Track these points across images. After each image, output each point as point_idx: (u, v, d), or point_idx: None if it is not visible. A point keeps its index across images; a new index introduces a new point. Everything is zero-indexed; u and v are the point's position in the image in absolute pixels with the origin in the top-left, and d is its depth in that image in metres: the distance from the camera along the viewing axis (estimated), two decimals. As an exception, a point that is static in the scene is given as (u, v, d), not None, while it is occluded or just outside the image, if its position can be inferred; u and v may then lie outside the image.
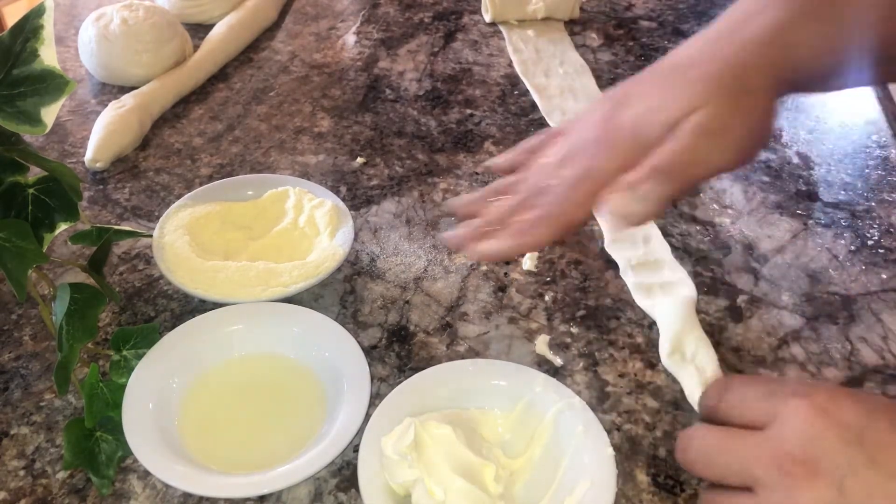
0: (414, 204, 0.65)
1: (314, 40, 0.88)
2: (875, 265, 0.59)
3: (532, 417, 0.45)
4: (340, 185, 0.66)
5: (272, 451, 0.44)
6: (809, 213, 0.64)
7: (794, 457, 0.33)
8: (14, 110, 0.42)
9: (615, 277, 0.58)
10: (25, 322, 0.54)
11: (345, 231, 0.57)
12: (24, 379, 0.50)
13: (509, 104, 0.77)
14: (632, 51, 0.86)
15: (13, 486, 0.44)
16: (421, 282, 0.57)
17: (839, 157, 0.70)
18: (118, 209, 0.64)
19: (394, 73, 0.82)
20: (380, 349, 0.52)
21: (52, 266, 0.57)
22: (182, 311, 0.54)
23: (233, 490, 0.42)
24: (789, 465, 0.32)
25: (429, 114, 0.76)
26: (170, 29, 0.78)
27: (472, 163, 0.69)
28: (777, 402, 0.35)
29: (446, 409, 0.45)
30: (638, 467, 0.45)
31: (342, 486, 0.44)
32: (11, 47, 0.42)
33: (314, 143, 0.71)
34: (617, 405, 0.49)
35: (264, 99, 0.78)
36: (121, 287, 0.56)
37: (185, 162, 0.69)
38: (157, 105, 0.73)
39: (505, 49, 0.86)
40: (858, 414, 0.33)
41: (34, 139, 0.69)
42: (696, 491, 0.44)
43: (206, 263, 0.53)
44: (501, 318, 0.55)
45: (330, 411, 0.46)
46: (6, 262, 0.42)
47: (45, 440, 0.46)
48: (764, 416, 0.35)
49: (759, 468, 0.33)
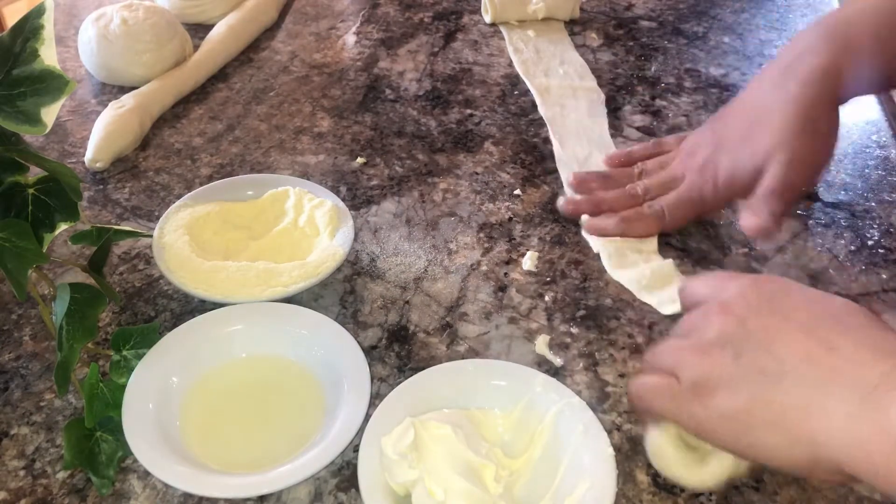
0: (414, 204, 0.65)
1: (314, 40, 0.88)
2: (875, 265, 0.59)
3: (532, 417, 0.45)
4: (340, 185, 0.66)
5: (272, 451, 0.44)
6: (809, 213, 0.64)
7: (711, 307, 0.41)
8: (14, 110, 0.42)
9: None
10: (25, 322, 0.54)
11: (345, 231, 0.57)
12: (24, 379, 0.50)
13: (509, 104, 0.77)
14: (632, 51, 0.86)
15: (13, 486, 0.44)
16: (421, 282, 0.57)
17: (839, 157, 0.70)
18: (118, 209, 0.64)
19: (394, 73, 0.82)
20: (380, 349, 0.52)
21: (52, 266, 0.57)
22: (182, 311, 0.54)
23: (233, 490, 0.42)
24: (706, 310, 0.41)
25: (429, 114, 0.76)
26: (170, 29, 0.78)
27: (472, 163, 0.69)
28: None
29: (446, 409, 0.45)
30: (638, 467, 0.45)
31: (342, 486, 0.44)
32: (11, 47, 0.42)
33: (314, 143, 0.71)
34: (617, 405, 0.49)
35: (264, 99, 0.78)
36: (121, 287, 0.56)
37: (185, 162, 0.69)
38: (157, 105, 0.73)
39: (505, 49, 0.86)
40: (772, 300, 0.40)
41: (34, 139, 0.69)
42: (696, 491, 0.44)
43: (206, 263, 0.53)
44: (501, 318, 0.55)
45: (330, 411, 0.46)
46: (6, 262, 0.42)
47: (45, 440, 0.46)
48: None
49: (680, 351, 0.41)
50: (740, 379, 0.38)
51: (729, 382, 0.38)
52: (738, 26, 0.91)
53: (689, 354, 0.40)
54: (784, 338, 0.37)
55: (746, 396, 0.37)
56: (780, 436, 0.36)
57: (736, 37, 0.89)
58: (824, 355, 0.36)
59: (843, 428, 0.34)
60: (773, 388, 0.37)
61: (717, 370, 0.38)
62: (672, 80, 0.81)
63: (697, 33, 0.89)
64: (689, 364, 0.40)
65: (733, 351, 0.38)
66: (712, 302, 0.41)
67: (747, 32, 0.90)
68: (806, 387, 0.36)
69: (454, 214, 0.64)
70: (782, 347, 0.37)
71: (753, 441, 0.37)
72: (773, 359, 0.37)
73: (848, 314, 0.38)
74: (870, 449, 0.33)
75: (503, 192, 0.66)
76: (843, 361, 0.35)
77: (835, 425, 0.34)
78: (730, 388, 0.38)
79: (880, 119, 0.74)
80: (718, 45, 0.87)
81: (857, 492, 0.44)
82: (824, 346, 0.36)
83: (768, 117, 0.55)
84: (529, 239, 0.61)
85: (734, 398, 0.38)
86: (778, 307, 0.39)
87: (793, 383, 0.36)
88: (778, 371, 0.37)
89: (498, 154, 0.70)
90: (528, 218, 0.63)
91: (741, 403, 0.37)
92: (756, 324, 0.39)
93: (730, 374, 0.38)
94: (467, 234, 0.62)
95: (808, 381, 0.36)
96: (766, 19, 0.92)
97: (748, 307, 0.39)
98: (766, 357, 0.37)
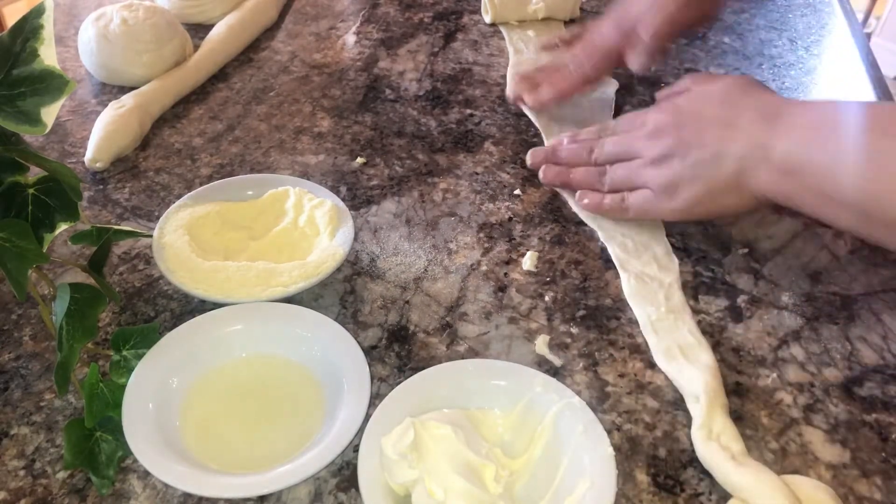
0: (414, 204, 0.65)
1: (314, 40, 0.88)
2: (875, 265, 0.59)
3: (532, 417, 0.45)
4: (340, 185, 0.66)
5: (272, 451, 0.44)
6: (809, 213, 0.64)
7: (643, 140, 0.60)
8: (14, 110, 0.42)
9: (615, 278, 0.58)
10: (25, 322, 0.54)
11: (345, 231, 0.57)
12: (24, 379, 0.50)
13: (509, 104, 0.77)
14: (632, 51, 0.86)
15: (13, 486, 0.44)
16: (421, 282, 0.57)
17: (839, 157, 0.70)
18: (118, 209, 0.64)
19: (394, 73, 0.82)
20: (380, 349, 0.52)
21: (52, 266, 0.57)
22: (182, 311, 0.54)
23: (233, 490, 0.42)
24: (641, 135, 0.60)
25: (429, 114, 0.76)
26: (170, 29, 0.78)
27: (472, 163, 0.69)
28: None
29: (446, 409, 0.45)
30: (638, 467, 0.45)
31: (342, 486, 0.44)
32: (11, 47, 0.42)
33: (314, 143, 0.71)
34: (617, 405, 0.49)
35: (264, 99, 0.78)
36: (121, 287, 0.56)
37: (185, 162, 0.69)
38: (157, 105, 0.73)
39: (505, 49, 0.86)
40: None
41: (34, 139, 0.69)
42: (697, 491, 0.44)
43: (206, 263, 0.53)
44: (501, 318, 0.55)
45: (330, 411, 0.46)
46: (6, 262, 0.42)
47: (45, 440, 0.46)
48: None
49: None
50: (693, 172, 0.55)
51: (686, 178, 0.56)
52: (738, 26, 0.91)
53: (650, 170, 0.58)
54: (707, 132, 0.55)
55: (702, 181, 0.55)
56: (731, 196, 0.55)
57: (736, 37, 0.89)
58: (734, 132, 0.54)
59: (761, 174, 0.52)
60: (715, 168, 0.54)
61: (676, 173, 0.56)
62: (672, 81, 0.81)
63: (697, 33, 0.89)
64: (653, 177, 0.57)
65: (680, 156, 0.56)
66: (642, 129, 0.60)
67: (747, 32, 0.90)
68: (732, 157, 0.53)
69: (454, 214, 0.64)
70: (709, 139, 0.55)
71: (716, 206, 0.56)
72: (707, 151, 0.55)
73: (739, 90, 0.56)
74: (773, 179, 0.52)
75: (503, 192, 0.66)
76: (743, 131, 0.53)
77: (755, 174, 0.53)
78: (689, 181, 0.56)
79: (880, 119, 0.74)
80: (718, 45, 0.87)
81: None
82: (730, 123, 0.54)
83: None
84: (529, 239, 0.61)
85: (695, 187, 0.55)
86: (692, 113, 0.57)
87: (723, 158, 0.54)
88: (713, 155, 0.54)
89: (498, 154, 0.70)
90: (528, 218, 0.63)
91: (700, 188, 0.55)
92: (685, 133, 0.56)
93: (684, 172, 0.56)
94: (467, 234, 0.62)
95: (733, 154, 0.53)
96: (766, 19, 0.92)
97: (672, 125, 0.57)
98: (701, 151, 0.55)
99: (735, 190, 0.54)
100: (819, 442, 0.47)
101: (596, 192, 0.62)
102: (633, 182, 0.59)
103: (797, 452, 0.46)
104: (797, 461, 0.46)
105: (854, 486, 0.44)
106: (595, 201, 0.61)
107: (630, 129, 0.61)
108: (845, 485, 0.45)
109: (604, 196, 0.61)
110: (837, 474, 0.45)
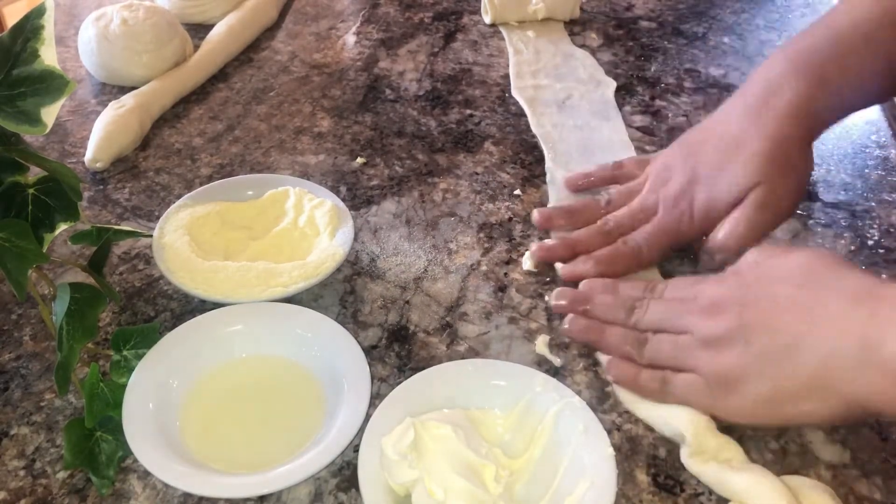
0: (414, 204, 0.65)
1: (314, 40, 0.88)
2: (875, 265, 0.59)
3: (532, 417, 0.45)
4: (340, 185, 0.66)
5: (272, 451, 0.44)
6: (809, 213, 0.64)
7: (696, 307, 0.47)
8: (14, 110, 0.42)
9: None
10: (25, 322, 0.54)
11: (345, 231, 0.57)
12: (24, 379, 0.50)
13: (509, 104, 0.77)
14: (632, 51, 0.86)
15: (13, 486, 0.44)
16: (421, 282, 0.57)
17: (839, 157, 0.70)
18: (118, 209, 0.64)
19: (394, 73, 0.82)
20: (380, 349, 0.52)
21: (52, 266, 0.57)
22: (182, 311, 0.54)
23: (233, 490, 0.42)
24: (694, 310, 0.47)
25: (429, 114, 0.76)
26: (170, 29, 0.78)
27: (471, 163, 0.69)
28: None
29: (446, 409, 0.45)
30: (638, 467, 0.45)
31: (342, 486, 0.44)
32: (11, 47, 0.42)
33: (314, 143, 0.71)
34: (617, 405, 0.49)
35: (264, 99, 0.78)
36: (121, 287, 0.56)
37: (185, 162, 0.69)
38: (157, 105, 0.73)
39: (505, 49, 0.86)
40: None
41: (34, 139, 0.69)
42: (697, 491, 0.44)
43: (205, 263, 0.53)
44: (501, 318, 0.55)
45: (330, 411, 0.46)
46: (6, 262, 0.42)
47: (45, 440, 0.46)
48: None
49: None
50: (759, 366, 0.43)
51: (750, 372, 0.43)
52: (737, 26, 0.91)
53: (702, 352, 0.45)
54: (779, 317, 0.43)
55: (770, 379, 0.42)
56: (812, 401, 0.41)
57: (736, 37, 0.89)
58: (818, 320, 0.41)
59: (858, 376, 0.39)
60: (789, 363, 0.42)
61: (736, 363, 0.43)
62: (672, 81, 0.81)
63: (697, 34, 0.89)
64: (705, 362, 0.45)
65: (742, 342, 0.43)
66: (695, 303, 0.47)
67: (747, 32, 0.90)
68: (814, 351, 0.41)
69: (454, 214, 0.64)
70: (781, 325, 0.42)
71: (790, 412, 0.43)
72: (778, 340, 0.42)
73: (821, 267, 0.44)
74: (883, 387, 0.39)
75: (503, 192, 0.66)
76: (830, 319, 0.41)
77: (850, 376, 0.40)
78: (753, 376, 0.43)
79: (880, 119, 0.74)
80: (718, 45, 0.87)
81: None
82: (812, 308, 0.42)
83: (744, 150, 0.54)
84: (529, 239, 0.61)
85: (760, 384, 0.43)
86: (760, 291, 0.45)
87: (802, 351, 0.41)
88: (787, 346, 0.42)
89: (498, 154, 0.70)
90: (527, 218, 0.63)
91: (768, 387, 0.43)
92: (750, 314, 0.44)
93: (747, 364, 0.43)
94: (467, 234, 0.62)
95: (815, 349, 0.41)
96: (766, 19, 0.92)
97: (734, 302, 0.45)
98: (771, 340, 0.42)
99: (817, 393, 0.41)
100: (819, 442, 0.47)
101: (631, 361, 0.49)
102: (680, 363, 0.47)
103: (797, 452, 0.46)
104: (797, 461, 0.46)
105: (854, 486, 0.44)
106: (629, 375, 0.49)
107: (681, 295, 0.49)
108: (845, 485, 0.45)
109: (640, 370, 0.48)
110: (837, 474, 0.45)
